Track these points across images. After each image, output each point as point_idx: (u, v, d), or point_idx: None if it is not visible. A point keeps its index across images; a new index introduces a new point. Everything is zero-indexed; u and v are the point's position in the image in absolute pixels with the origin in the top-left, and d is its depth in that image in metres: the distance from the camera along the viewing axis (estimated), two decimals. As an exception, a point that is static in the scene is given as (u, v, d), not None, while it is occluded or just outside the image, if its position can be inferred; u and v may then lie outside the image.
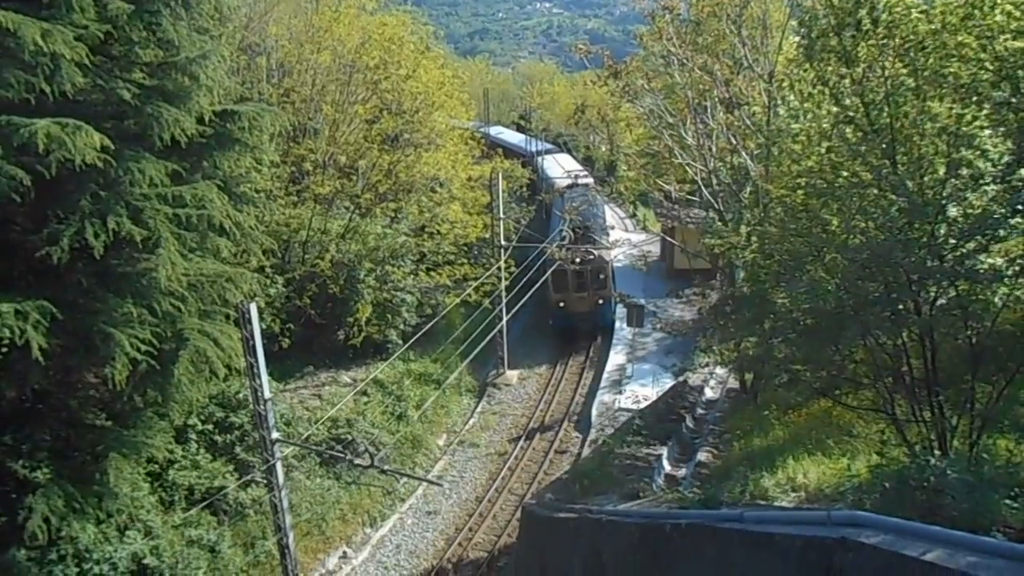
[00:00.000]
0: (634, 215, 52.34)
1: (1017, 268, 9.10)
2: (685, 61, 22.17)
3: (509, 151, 47.22)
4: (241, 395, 20.02)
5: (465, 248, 32.25)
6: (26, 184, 11.06)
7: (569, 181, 42.40)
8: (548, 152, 53.03)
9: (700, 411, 24.89)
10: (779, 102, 14.60)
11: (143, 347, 12.65)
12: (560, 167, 47.45)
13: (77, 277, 12.50)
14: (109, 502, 14.35)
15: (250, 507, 19.24)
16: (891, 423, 10.77)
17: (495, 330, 28.62)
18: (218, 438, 19.85)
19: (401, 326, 28.50)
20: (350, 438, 22.92)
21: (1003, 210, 9.01)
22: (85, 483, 13.82)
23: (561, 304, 33.51)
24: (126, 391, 13.45)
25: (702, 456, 20.17)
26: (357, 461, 17.02)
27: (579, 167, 49.17)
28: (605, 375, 30.71)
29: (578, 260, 32.32)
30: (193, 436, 19.33)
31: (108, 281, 13.04)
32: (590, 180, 44.77)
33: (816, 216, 11.11)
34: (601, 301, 33.63)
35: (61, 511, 13.09)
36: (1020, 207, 8.94)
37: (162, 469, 18.13)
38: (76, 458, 14.06)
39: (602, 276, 33.52)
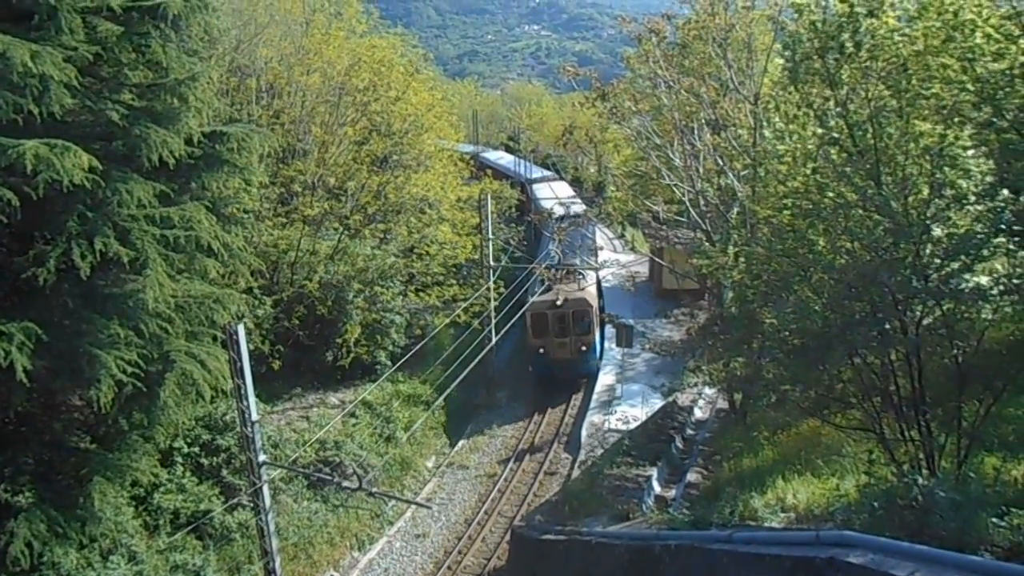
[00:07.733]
0: (622, 236, 52.46)
1: (1002, 287, 9.19)
2: (672, 83, 22.39)
3: (499, 174, 46.88)
4: (228, 417, 19.86)
5: (454, 269, 32.22)
6: (13, 205, 11.02)
7: (563, 211, 40.60)
8: (542, 180, 50.77)
9: (689, 431, 24.88)
10: (765, 123, 14.76)
11: (129, 369, 12.56)
12: (553, 194, 46.13)
13: (63, 298, 12.42)
14: (92, 526, 14.16)
15: (236, 531, 18.99)
16: (879, 442, 10.77)
17: (484, 350, 28.55)
18: (204, 461, 19.65)
19: (390, 347, 28.37)
20: (338, 460, 22.73)
21: (986, 230, 9.11)
22: (68, 507, 13.65)
23: (541, 350, 30.62)
24: (111, 414, 13.33)
25: (692, 477, 20.14)
26: (345, 484, 16.85)
27: (572, 194, 47.04)
28: (594, 396, 30.60)
29: (559, 302, 30.16)
30: (179, 459, 19.14)
31: (94, 302, 12.97)
32: (583, 208, 43.76)
33: (802, 236, 11.17)
34: (584, 348, 30.68)
35: (44, 536, 12.91)
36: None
37: (147, 492, 17.90)
38: (59, 482, 13.91)
39: (586, 320, 30.60)
